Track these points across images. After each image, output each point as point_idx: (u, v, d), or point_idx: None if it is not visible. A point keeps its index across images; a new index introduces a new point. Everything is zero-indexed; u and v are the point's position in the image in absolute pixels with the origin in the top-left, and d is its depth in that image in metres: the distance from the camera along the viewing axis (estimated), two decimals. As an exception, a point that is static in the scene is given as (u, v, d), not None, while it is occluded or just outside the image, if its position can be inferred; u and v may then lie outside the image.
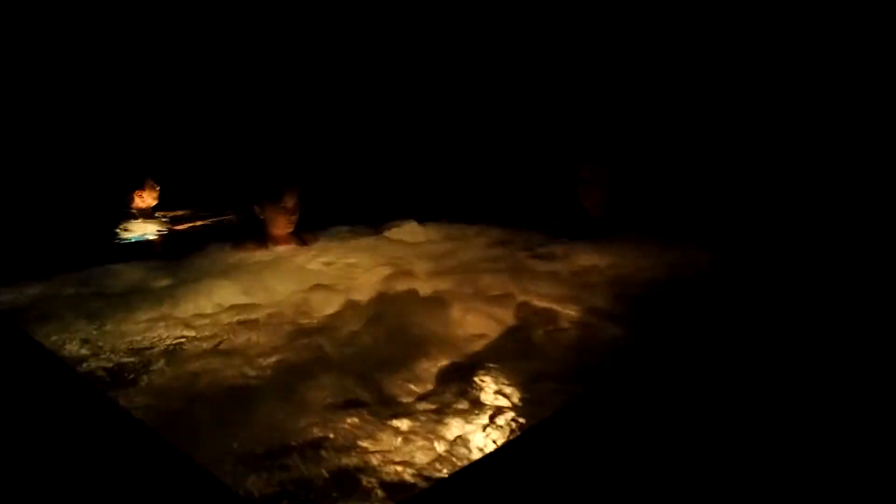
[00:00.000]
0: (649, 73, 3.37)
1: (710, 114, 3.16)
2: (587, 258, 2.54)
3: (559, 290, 2.17)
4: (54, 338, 1.77)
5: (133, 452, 1.01)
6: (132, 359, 1.66)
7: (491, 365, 1.55)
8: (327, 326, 1.80)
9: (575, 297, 2.07)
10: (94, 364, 1.63)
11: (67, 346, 1.73)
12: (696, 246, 2.59)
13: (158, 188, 3.82)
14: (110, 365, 1.63)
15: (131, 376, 1.56)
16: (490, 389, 1.43)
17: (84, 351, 1.72)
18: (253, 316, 1.96)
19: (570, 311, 1.96)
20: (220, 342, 1.77)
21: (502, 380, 1.48)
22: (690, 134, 3.20)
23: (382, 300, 1.91)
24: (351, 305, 1.99)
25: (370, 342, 1.66)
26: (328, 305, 2.04)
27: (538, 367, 1.55)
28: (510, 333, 1.79)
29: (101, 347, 1.73)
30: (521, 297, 2.06)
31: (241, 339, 1.79)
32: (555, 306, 2.00)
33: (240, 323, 1.91)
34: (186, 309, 2.01)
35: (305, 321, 1.91)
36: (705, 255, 2.51)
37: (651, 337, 1.73)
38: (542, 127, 3.79)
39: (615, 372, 1.53)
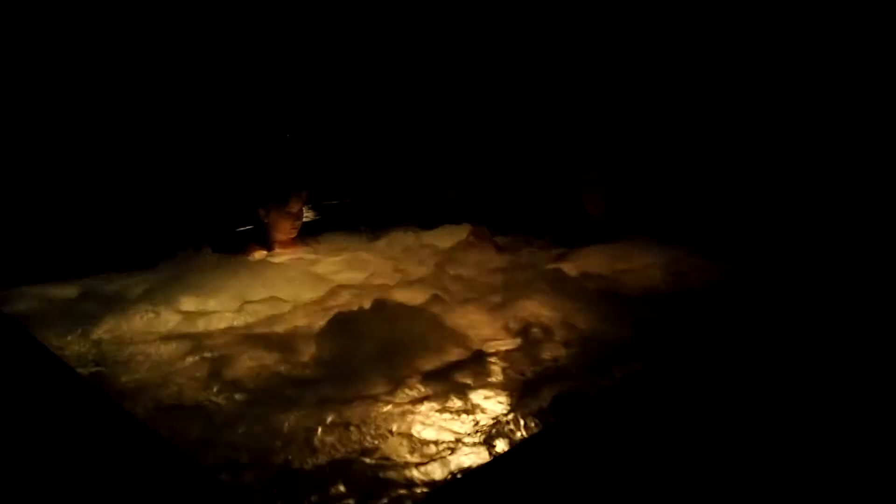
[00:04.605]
0: (655, 75, 3.36)
1: (717, 117, 3.15)
2: (591, 263, 2.52)
3: (561, 295, 2.15)
4: (55, 339, 1.79)
5: (134, 452, 1.02)
6: (131, 360, 1.67)
7: (489, 372, 1.54)
8: (320, 330, 1.80)
9: (577, 303, 2.06)
10: (93, 366, 1.65)
11: (67, 349, 1.75)
12: (703, 251, 2.57)
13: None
14: (110, 366, 1.64)
15: (131, 378, 1.57)
16: (487, 396, 1.42)
17: (85, 352, 1.74)
18: (252, 318, 1.97)
19: (572, 317, 1.95)
20: (221, 343, 1.77)
21: (501, 387, 1.47)
22: (697, 137, 3.19)
23: (377, 306, 1.91)
24: (344, 310, 1.98)
25: (362, 348, 1.65)
26: (322, 310, 2.04)
27: (539, 373, 1.55)
28: (510, 340, 1.78)
29: (102, 349, 1.75)
30: (523, 303, 2.04)
31: (240, 340, 1.79)
32: (557, 312, 1.98)
33: (238, 325, 1.92)
34: (186, 310, 2.03)
35: (299, 325, 1.92)
36: (713, 259, 2.49)
37: (656, 344, 1.72)
38: (545, 129, 3.78)
39: (618, 378, 1.52)
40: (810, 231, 2.63)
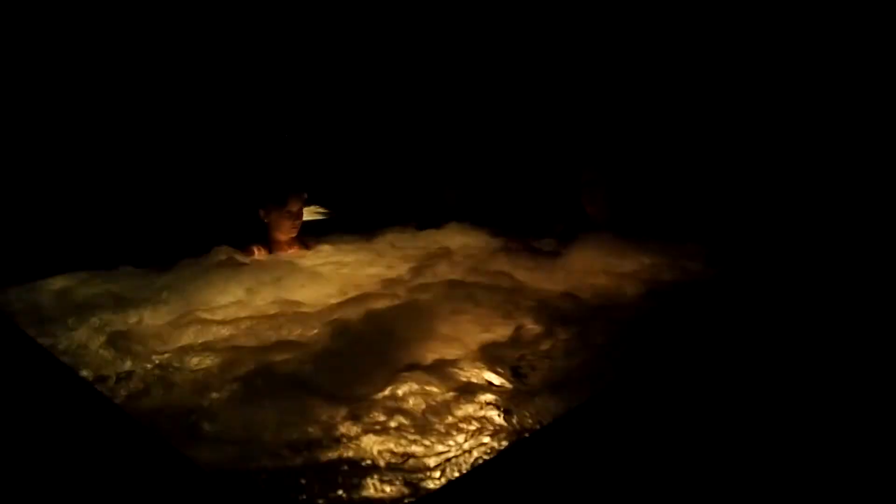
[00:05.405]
0: (651, 74, 3.36)
1: (714, 115, 3.14)
2: (590, 263, 2.52)
3: (561, 295, 2.15)
4: (50, 338, 1.79)
5: (131, 452, 1.01)
6: (130, 359, 1.67)
7: (488, 371, 1.54)
8: (321, 329, 1.80)
9: (577, 304, 2.06)
10: (93, 367, 1.64)
11: (63, 348, 1.75)
12: (702, 249, 2.57)
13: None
14: (109, 365, 1.64)
15: (129, 378, 1.56)
16: (487, 395, 1.42)
17: (83, 351, 1.73)
18: (251, 318, 1.96)
19: (571, 317, 1.95)
20: (222, 344, 1.77)
21: (500, 387, 1.47)
22: (694, 135, 3.19)
23: (377, 305, 1.91)
24: (344, 309, 1.98)
25: (362, 346, 1.65)
26: (321, 309, 2.04)
27: (538, 374, 1.54)
28: (509, 341, 1.77)
29: (100, 348, 1.74)
30: (522, 303, 2.04)
31: (241, 339, 1.79)
32: (556, 312, 1.98)
33: (240, 326, 1.91)
34: (185, 309, 2.02)
35: (300, 324, 1.90)
36: (711, 258, 2.49)
37: (655, 343, 1.71)
38: (543, 129, 3.78)
39: (617, 378, 1.51)
40: (808, 230, 2.63)
